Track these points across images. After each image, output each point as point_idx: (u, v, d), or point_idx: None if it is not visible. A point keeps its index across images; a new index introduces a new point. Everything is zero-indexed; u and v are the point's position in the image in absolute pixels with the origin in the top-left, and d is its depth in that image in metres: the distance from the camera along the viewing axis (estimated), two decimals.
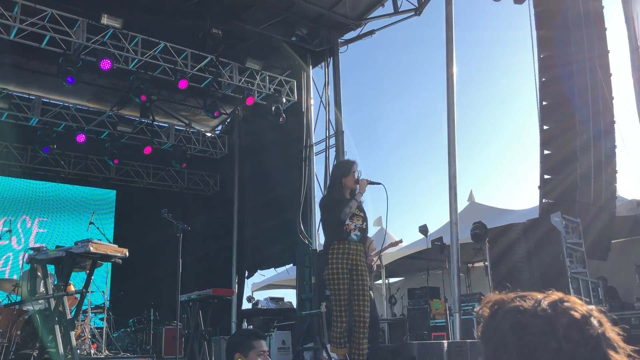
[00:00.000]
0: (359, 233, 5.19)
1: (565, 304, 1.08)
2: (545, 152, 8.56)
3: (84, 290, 4.89)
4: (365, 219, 5.31)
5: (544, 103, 8.63)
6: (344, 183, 5.23)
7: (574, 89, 8.36)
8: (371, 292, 6.87)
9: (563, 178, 8.25)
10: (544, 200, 8.46)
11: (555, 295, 1.12)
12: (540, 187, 8.51)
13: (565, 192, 8.16)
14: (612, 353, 1.03)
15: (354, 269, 5.11)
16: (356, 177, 5.23)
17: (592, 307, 1.10)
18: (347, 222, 5.11)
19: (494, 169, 29.04)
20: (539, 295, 1.12)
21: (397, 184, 30.38)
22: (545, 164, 8.45)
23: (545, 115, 8.55)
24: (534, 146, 8.63)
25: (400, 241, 8.16)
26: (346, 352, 4.85)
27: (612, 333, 1.07)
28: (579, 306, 1.08)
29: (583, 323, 1.04)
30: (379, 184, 5.23)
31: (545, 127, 8.59)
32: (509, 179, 29.48)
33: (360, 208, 5.28)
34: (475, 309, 1.23)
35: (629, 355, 1.06)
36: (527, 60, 8.65)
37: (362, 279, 5.13)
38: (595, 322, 1.06)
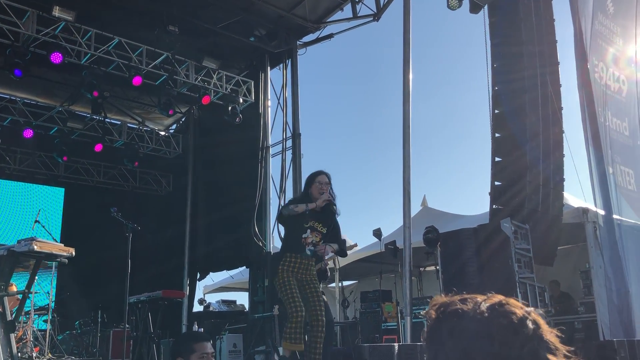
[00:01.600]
0: (312, 248, 5.16)
1: (503, 307, 1.09)
2: (496, 159, 8.75)
3: (26, 290, 4.70)
4: (323, 237, 5.24)
5: (496, 111, 8.82)
6: (310, 192, 5.19)
7: (525, 101, 8.60)
8: (324, 296, 6.88)
9: (515, 187, 8.46)
10: (494, 206, 8.65)
11: (496, 298, 1.12)
12: (490, 194, 8.70)
13: (515, 199, 8.36)
14: (548, 355, 1.04)
15: (303, 281, 5.13)
16: (320, 189, 5.14)
17: (531, 309, 1.10)
18: (305, 235, 5.08)
19: (447, 175, 29.61)
20: (480, 299, 1.12)
21: (352, 187, 30.60)
22: (496, 171, 8.64)
23: (497, 123, 8.75)
24: (486, 153, 8.82)
25: (355, 245, 8.20)
26: (302, 349, 4.77)
27: (550, 335, 1.07)
28: (517, 309, 1.09)
29: (519, 325, 1.05)
30: (334, 212, 5.20)
31: (497, 135, 8.79)
32: (461, 185, 30.12)
33: (322, 223, 5.21)
34: (423, 312, 1.23)
35: (565, 356, 1.07)
36: (482, 70, 8.85)
37: (312, 287, 5.15)
38: (530, 325, 1.06)
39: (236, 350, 10.62)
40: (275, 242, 12.44)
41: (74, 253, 4.54)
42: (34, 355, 7.82)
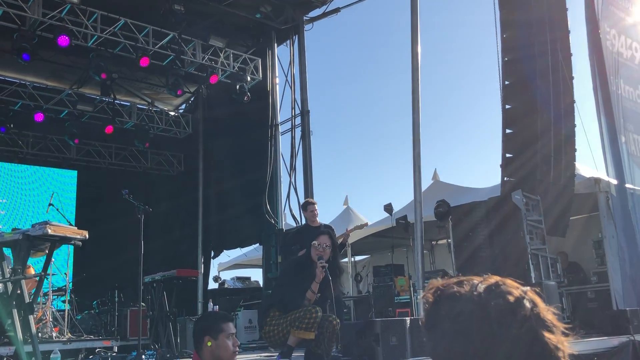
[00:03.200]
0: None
1: (500, 287, 1.09)
2: (507, 131, 8.68)
3: (42, 273, 4.79)
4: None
5: (507, 83, 8.73)
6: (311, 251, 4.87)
7: (535, 70, 8.49)
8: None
9: (524, 157, 8.40)
10: (505, 179, 8.62)
11: (492, 279, 1.13)
12: (502, 166, 8.65)
13: (527, 171, 8.33)
14: (546, 333, 1.04)
15: None
16: (319, 252, 4.78)
17: (527, 288, 1.11)
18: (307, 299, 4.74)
19: (458, 148, 29.46)
20: (477, 280, 1.13)
21: (363, 163, 30.55)
22: (507, 143, 8.58)
23: (507, 94, 8.66)
24: (497, 125, 8.76)
25: (366, 224, 8.22)
26: (312, 337, 4.62)
27: (547, 313, 1.08)
28: (513, 289, 1.09)
29: (516, 306, 1.05)
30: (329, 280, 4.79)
31: (507, 107, 8.71)
32: (472, 158, 29.97)
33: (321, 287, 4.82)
34: (420, 296, 1.24)
35: (563, 333, 1.07)
36: (491, 40, 8.73)
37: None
38: (527, 304, 1.06)
39: (252, 326, 10.78)
40: (287, 219, 12.53)
41: (87, 236, 4.60)
42: (54, 335, 8.00)
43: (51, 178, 13.90)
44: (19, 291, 4.52)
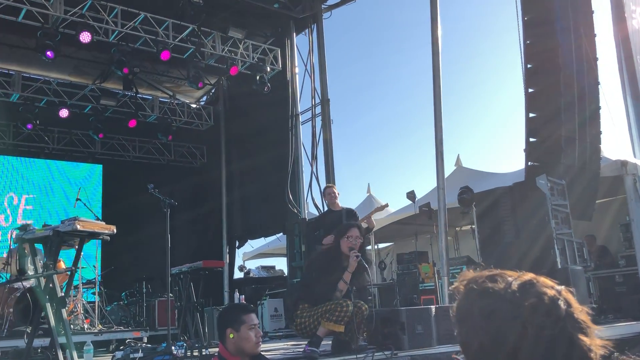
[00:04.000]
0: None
1: (534, 286, 1.09)
2: (530, 115, 8.58)
3: (73, 267, 4.90)
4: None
5: (529, 66, 8.62)
6: (341, 244, 4.92)
7: (558, 50, 8.34)
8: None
9: (548, 141, 8.30)
10: (529, 163, 8.53)
11: (526, 276, 1.12)
12: (525, 150, 8.57)
13: (550, 155, 8.22)
14: (580, 335, 1.04)
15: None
16: (350, 243, 4.85)
17: (561, 288, 1.10)
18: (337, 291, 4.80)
19: (480, 133, 29.16)
20: (510, 277, 1.12)
21: (384, 150, 30.45)
22: (530, 127, 8.48)
23: (530, 78, 8.55)
24: (519, 109, 8.66)
25: (386, 205, 8.22)
26: (342, 330, 4.59)
27: (581, 314, 1.07)
28: (547, 289, 1.08)
29: (550, 306, 1.05)
30: (367, 266, 4.95)
31: (530, 90, 8.60)
32: (495, 142, 29.63)
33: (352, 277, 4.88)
34: (451, 287, 1.25)
35: (597, 336, 1.07)
36: (513, 23, 8.61)
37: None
38: (562, 305, 1.06)
39: (277, 315, 10.89)
40: (309, 208, 12.58)
41: (115, 230, 4.69)
42: (86, 326, 8.18)
43: (77, 172, 14.14)
44: (51, 285, 4.63)
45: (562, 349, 1.03)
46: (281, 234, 13.92)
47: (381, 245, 15.26)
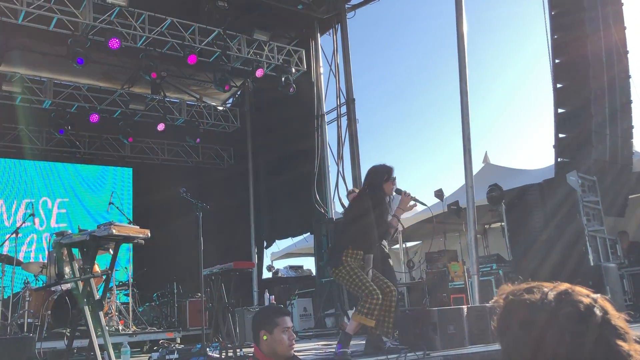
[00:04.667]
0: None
1: (570, 295, 1.11)
2: (559, 110, 8.49)
3: (109, 271, 5.02)
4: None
5: (557, 61, 8.52)
6: (384, 188, 4.99)
7: (586, 42, 8.22)
8: (390, 260, 6.97)
9: (578, 137, 8.19)
10: (559, 160, 8.43)
11: (562, 286, 1.14)
12: (555, 146, 8.47)
13: (581, 150, 8.12)
14: (618, 341, 1.05)
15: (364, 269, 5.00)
16: (394, 185, 5.00)
17: (597, 295, 1.12)
18: None
19: (508, 130, 28.80)
20: (547, 288, 1.14)
21: (411, 148, 30.29)
22: (560, 123, 8.39)
23: (558, 73, 8.46)
24: (548, 105, 8.57)
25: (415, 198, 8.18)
26: (373, 325, 4.67)
27: (618, 320, 1.09)
28: (583, 297, 1.10)
29: (587, 314, 1.07)
30: (424, 204, 5.12)
31: (558, 86, 8.50)
32: (523, 138, 29.24)
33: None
34: (490, 301, 1.27)
35: (635, 341, 1.08)
36: (540, 18, 8.51)
37: (376, 274, 5.04)
38: (598, 312, 1.08)
39: (307, 314, 10.94)
40: (336, 208, 12.61)
41: (149, 234, 4.78)
42: (120, 328, 8.35)
43: (108, 176, 14.42)
44: (88, 288, 4.75)
45: (601, 355, 1.05)
46: (308, 233, 13.98)
47: (409, 244, 15.20)
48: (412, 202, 5.07)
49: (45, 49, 11.56)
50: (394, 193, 5.07)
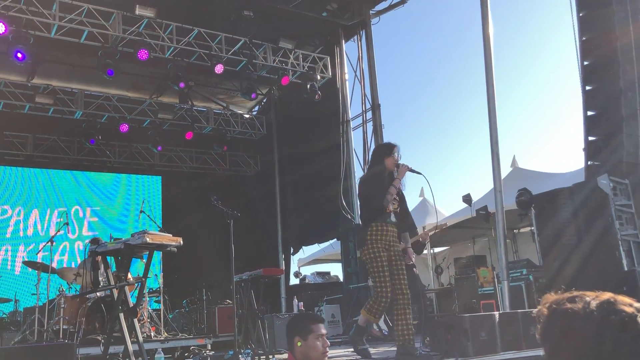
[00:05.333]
0: (394, 216, 5.31)
1: (612, 305, 1.12)
2: (589, 113, 8.37)
3: (143, 278, 5.12)
4: (400, 202, 5.42)
5: (586, 63, 8.41)
6: (385, 163, 5.29)
7: (616, 42, 8.10)
8: (415, 270, 6.96)
9: (609, 139, 8.07)
10: (589, 163, 8.31)
11: (605, 296, 1.15)
12: (584, 150, 8.35)
13: (612, 153, 7.99)
14: None
15: (391, 250, 5.23)
16: (396, 160, 5.29)
17: None
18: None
19: (537, 133, 28.44)
20: (589, 297, 1.15)
21: (437, 153, 30.12)
22: (590, 126, 8.28)
23: (587, 75, 8.35)
24: (577, 107, 8.46)
25: (445, 224, 8.17)
26: (377, 322, 5.20)
27: None
28: (626, 306, 1.11)
29: (628, 322, 1.08)
30: (419, 173, 5.30)
31: (587, 88, 8.39)
32: (552, 142, 28.82)
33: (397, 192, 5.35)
34: (534, 311, 1.28)
35: None
36: (567, 18, 8.42)
37: (398, 259, 5.26)
38: None
39: (335, 320, 10.96)
40: None
41: (181, 242, 4.87)
42: (152, 334, 8.46)
43: (138, 184, 14.67)
44: (123, 296, 4.86)
45: None
46: (335, 239, 14.00)
47: (437, 250, 15.13)
48: (408, 172, 5.36)
49: (76, 61, 11.83)
50: (396, 168, 5.33)
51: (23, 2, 9.30)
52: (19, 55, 9.23)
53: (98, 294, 7.08)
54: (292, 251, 15.09)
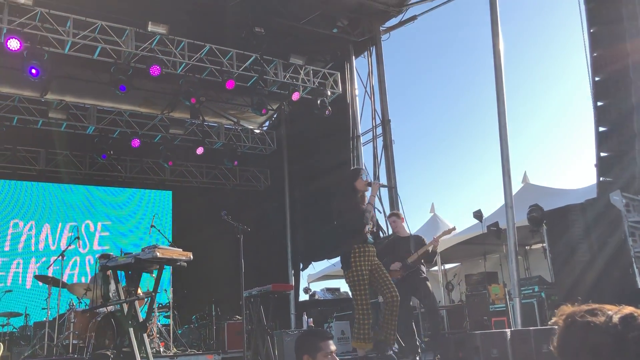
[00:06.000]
0: (371, 237, 5.57)
1: (636, 319, 1.10)
2: (601, 129, 8.33)
3: (153, 293, 5.12)
4: (374, 224, 5.73)
5: (597, 79, 8.38)
6: (356, 187, 5.60)
7: (628, 56, 8.06)
8: (428, 282, 6.94)
9: (621, 155, 8.01)
10: (601, 179, 8.25)
11: (627, 309, 1.13)
12: (596, 166, 8.30)
13: (625, 170, 7.93)
14: None
15: (372, 268, 5.46)
16: (366, 180, 5.67)
17: None
18: (368, 227, 5.50)
19: (548, 149, 28.30)
20: (610, 310, 1.14)
21: (448, 169, 30.05)
22: (601, 142, 8.23)
23: (598, 90, 8.32)
24: (589, 123, 8.42)
25: (454, 228, 8.11)
26: (371, 347, 5.18)
27: None
28: None
29: None
30: (385, 186, 5.70)
31: (599, 103, 8.36)
32: (563, 158, 28.66)
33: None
34: (550, 322, 1.26)
35: None
36: (577, 34, 8.42)
37: (378, 267, 5.52)
38: None
39: (344, 337, 10.85)
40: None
41: (191, 257, 4.87)
42: (161, 350, 8.45)
43: (149, 199, 14.73)
44: (133, 311, 4.85)
45: None
46: None
47: (447, 266, 15.02)
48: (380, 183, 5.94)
49: (89, 76, 11.98)
50: (368, 188, 5.68)
51: (38, 19, 9.44)
52: (33, 71, 9.35)
53: (108, 308, 7.08)
54: (301, 267, 15.04)
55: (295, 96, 12.11)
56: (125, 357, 5.77)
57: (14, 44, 9.03)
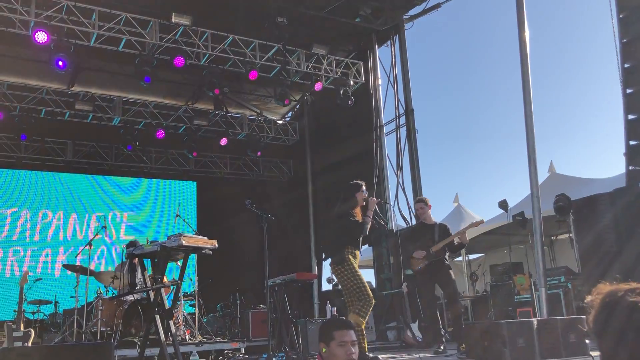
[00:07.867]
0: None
1: None
2: (630, 117, 8.16)
3: (179, 281, 5.18)
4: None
5: (626, 66, 8.21)
6: (357, 198, 5.99)
7: None
8: (451, 271, 6.92)
9: None
10: (630, 168, 8.10)
11: None
12: (625, 154, 8.14)
13: None
14: None
15: None
16: (364, 195, 6.06)
17: None
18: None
19: (575, 138, 27.84)
20: None
21: (473, 158, 29.76)
22: (631, 130, 8.07)
23: (628, 77, 8.15)
24: (617, 111, 8.26)
25: (482, 221, 8.04)
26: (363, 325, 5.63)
27: None
28: None
29: None
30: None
31: (628, 91, 8.19)
32: (591, 147, 28.15)
33: None
34: (586, 300, 1.24)
35: None
36: (605, 20, 8.24)
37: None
38: None
39: (368, 327, 10.79)
40: (396, 220, 12.50)
41: (217, 245, 4.92)
42: (187, 337, 8.56)
43: (173, 189, 14.89)
44: (159, 299, 4.92)
45: None
46: (367, 245, 13.92)
47: (472, 257, 14.92)
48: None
49: (114, 68, 12.10)
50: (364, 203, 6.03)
51: (64, 12, 9.57)
52: (60, 63, 9.49)
53: (135, 296, 7.20)
54: (323, 256, 15.08)
55: (318, 86, 12.09)
56: (151, 343, 5.87)
57: (41, 36, 9.16)
